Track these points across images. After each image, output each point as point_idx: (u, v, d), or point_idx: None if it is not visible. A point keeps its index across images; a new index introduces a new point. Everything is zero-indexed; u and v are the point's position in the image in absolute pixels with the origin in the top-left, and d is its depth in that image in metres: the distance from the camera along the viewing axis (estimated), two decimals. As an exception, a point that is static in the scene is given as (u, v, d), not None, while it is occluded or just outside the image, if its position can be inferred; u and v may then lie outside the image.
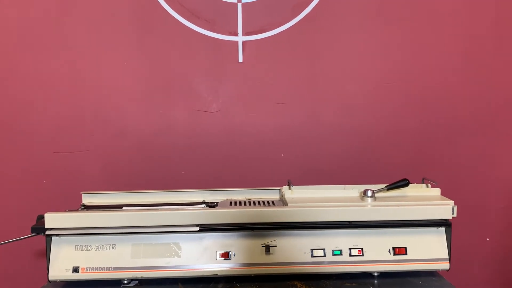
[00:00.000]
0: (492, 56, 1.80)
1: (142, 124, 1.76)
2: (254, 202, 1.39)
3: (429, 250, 1.24)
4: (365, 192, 1.32)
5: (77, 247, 1.20)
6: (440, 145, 1.82)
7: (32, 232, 1.21)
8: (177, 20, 1.74)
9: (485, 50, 1.80)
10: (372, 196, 1.31)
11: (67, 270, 1.18)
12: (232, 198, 1.44)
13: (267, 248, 1.22)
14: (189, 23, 1.75)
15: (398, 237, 1.24)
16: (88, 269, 1.19)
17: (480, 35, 1.79)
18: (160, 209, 1.29)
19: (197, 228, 1.20)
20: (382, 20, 1.77)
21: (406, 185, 1.35)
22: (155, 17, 1.73)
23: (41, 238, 1.22)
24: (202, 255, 1.21)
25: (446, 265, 1.24)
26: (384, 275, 1.25)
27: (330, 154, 1.80)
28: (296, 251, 1.22)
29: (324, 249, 1.22)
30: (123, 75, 1.75)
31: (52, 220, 1.18)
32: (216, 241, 1.22)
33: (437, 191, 1.38)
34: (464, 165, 1.83)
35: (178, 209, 1.27)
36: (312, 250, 1.22)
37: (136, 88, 1.76)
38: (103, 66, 1.74)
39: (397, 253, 1.23)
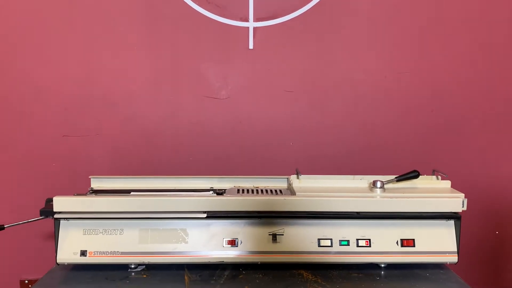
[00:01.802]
0: (504, 49, 1.77)
1: (151, 109, 1.76)
2: (261, 190, 1.39)
3: (438, 243, 1.23)
4: (374, 183, 1.31)
5: (85, 231, 1.21)
6: (450, 137, 1.80)
7: (40, 215, 1.22)
8: (187, 4, 1.72)
9: (497, 43, 1.76)
10: (382, 187, 1.30)
11: (75, 254, 1.19)
12: (240, 185, 1.44)
13: (274, 237, 1.21)
14: (199, 7, 1.72)
15: (407, 229, 1.23)
16: (96, 253, 1.19)
17: (492, 27, 1.75)
18: (168, 195, 1.29)
19: (205, 215, 1.20)
20: (395, 10, 1.74)
21: (416, 176, 1.34)
22: (164, 1, 1.71)
23: (49, 221, 1.22)
24: (209, 242, 1.21)
25: (454, 258, 1.23)
26: (391, 266, 1.25)
27: (338, 143, 1.79)
28: (303, 241, 1.21)
29: (331, 239, 1.22)
30: (132, 60, 1.74)
31: (60, 203, 1.19)
32: (223, 228, 1.22)
33: (447, 184, 1.37)
34: (474, 157, 1.81)
35: (186, 196, 1.26)
36: (319, 239, 1.22)
37: (145, 73, 1.75)
38: (112, 51, 1.73)
39: (405, 245, 1.22)
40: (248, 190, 1.39)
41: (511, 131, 1.81)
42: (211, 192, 1.36)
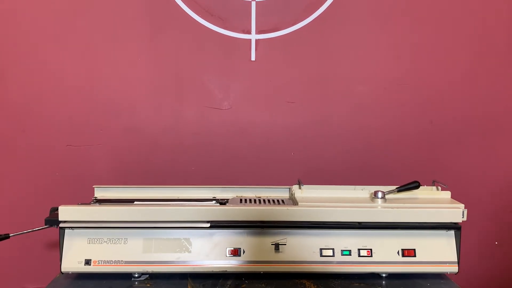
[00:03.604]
0: (503, 57, 1.79)
1: (153, 119, 1.78)
2: (264, 200, 1.40)
3: (438, 253, 1.24)
4: (375, 193, 1.32)
5: (90, 240, 1.22)
6: (450, 148, 1.82)
7: (45, 224, 1.23)
8: (190, 16, 1.75)
9: (496, 51, 1.79)
10: (383, 197, 1.31)
11: (79, 263, 1.20)
12: (242, 195, 1.45)
13: (277, 246, 1.23)
14: (202, 20, 1.75)
15: (408, 239, 1.25)
16: (100, 262, 1.20)
17: (490, 36, 1.78)
18: (172, 204, 1.30)
19: (208, 225, 1.21)
20: (393, 21, 1.77)
21: (417, 187, 1.36)
22: (168, 13, 1.74)
23: (54, 230, 1.23)
24: (212, 251, 1.22)
25: (454, 268, 1.24)
26: (392, 276, 1.26)
27: (339, 154, 1.80)
28: (305, 250, 1.23)
29: (333, 249, 1.23)
30: (135, 70, 1.76)
31: (66, 212, 1.20)
32: (226, 238, 1.23)
33: (447, 194, 1.38)
34: (474, 168, 1.83)
35: (189, 205, 1.28)
36: (321, 249, 1.23)
37: (148, 84, 1.77)
38: (115, 62, 1.75)
39: (406, 255, 1.23)
40: (250, 200, 1.40)
41: (511, 140, 1.83)
42: (214, 201, 1.37)
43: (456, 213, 1.24)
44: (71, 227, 1.21)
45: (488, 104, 1.81)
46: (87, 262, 1.20)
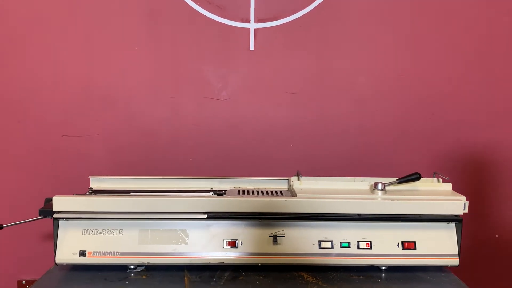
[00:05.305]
0: (505, 50, 1.77)
1: (151, 110, 1.75)
2: (262, 192, 1.38)
3: (439, 246, 1.22)
4: (375, 185, 1.30)
5: (85, 231, 1.20)
6: (451, 139, 1.80)
7: (39, 215, 1.21)
8: (188, 5, 1.72)
9: (499, 45, 1.77)
10: (383, 189, 1.29)
11: (74, 254, 1.18)
12: (240, 186, 1.44)
13: (275, 238, 1.21)
14: (201, 8, 1.72)
15: (408, 231, 1.23)
16: (95, 253, 1.18)
17: (494, 30, 1.76)
18: (169, 195, 1.28)
19: (205, 216, 1.19)
20: (395, 14, 1.74)
21: (418, 179, 1.34)
22: (165, 2, 1.71)
23: (48, 221, 1.21)
24: (209, 243, 1.20)
25: (455, 261, 1.22)
26: (392, 269, 1.24)
27: (339, 145, 1.79)
28: (304, 242, 1.21)
29: (332, 241, 1.21)
30: (133, 60, 1.73)
31: (60, 203, 1.18)
32: (224, 230, 1.21)
33: (448, 186, 1.36)
34: (476, 160, 1.81)
35: (186, 196, 1.26)
36: (320, 241, 1.21)
37: (146, 73, 1.74)
38: (112, 51, 1.72)
39: (406, 247, 1.22)
40: (248, 191, 1.38)
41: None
42: (212, 193, 1.36)
43: (458, 205, 1.22)
44: (66, 218, 1.19)
45: (491, 95, 1.79)
46: (82, 253, 1.18)
